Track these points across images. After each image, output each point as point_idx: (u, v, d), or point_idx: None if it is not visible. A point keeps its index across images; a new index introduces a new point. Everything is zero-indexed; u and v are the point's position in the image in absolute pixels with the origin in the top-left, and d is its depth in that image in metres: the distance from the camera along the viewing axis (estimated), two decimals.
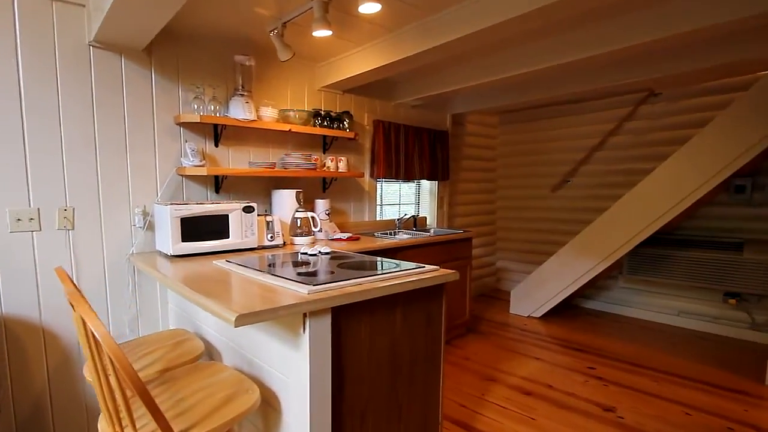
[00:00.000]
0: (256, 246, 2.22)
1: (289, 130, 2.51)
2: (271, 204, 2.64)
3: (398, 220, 3.40)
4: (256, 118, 2.35)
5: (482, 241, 4.67)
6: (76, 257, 1.94)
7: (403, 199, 3.78)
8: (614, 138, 3.95)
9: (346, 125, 2.91)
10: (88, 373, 1.40)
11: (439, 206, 3.98)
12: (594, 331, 3.54)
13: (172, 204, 1.93)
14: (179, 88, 2.22)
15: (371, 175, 3.27)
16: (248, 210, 2.17)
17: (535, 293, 3.91)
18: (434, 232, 3.55)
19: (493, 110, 4.44)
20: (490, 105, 3.70)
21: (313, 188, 2.91)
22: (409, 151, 3.48)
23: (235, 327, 1.07)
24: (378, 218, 3.44)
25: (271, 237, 2.30)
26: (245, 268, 1.63)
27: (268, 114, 2.45)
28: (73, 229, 1.92)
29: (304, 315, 1.20)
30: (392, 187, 3.64)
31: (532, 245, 4.61)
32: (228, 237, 2.11)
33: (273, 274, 1.48)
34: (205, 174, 2.11)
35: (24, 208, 1.79)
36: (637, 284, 3.91)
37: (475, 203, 4.52)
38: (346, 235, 2.73)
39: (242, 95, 2.32)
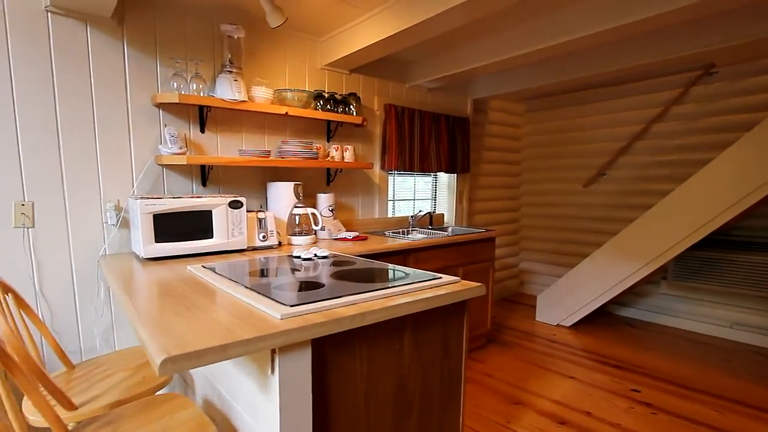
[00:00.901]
0: (245, 247, 1.92)
1: (286, 113, 2.19)
2: (266, 199, 2.34)
3: (412, 217, 3.05)
4: (246, 99, 2.04)
5: (505, 240, 4.28)
6: (37, 259, 1.67)
7: (418, 194, 3.42)
8: (659, 125, 3.48)
9: (353, 109, 2.58)
10: None
11: (458, 202, 3.61)
12: (634, 345, 3.12)
13: (143, 198, 1.64)
14: (157, 63, 1.93)
15: (382, 167, 2.93)
16: (235, 205, 1.87)
17: (565, 299, 3.50)
18: (452, 230, 3.19)
19: (519, 95, 4.02)
20: (516, 88, 3.29)
21: (315, 181, 2.59)
22: (425, 139, 3.12)
23: (159, 375, 0.76)
24: (389, 215, 3.10)
25: (264, 236, 1.99)
26: (220, 276, 1.32)
27: (261, 94, 2.13)
28: (33, 226, 1.66)
29: (273, 351, 0.88)
30: (406, 180, 3.29)
31: (560, 246, 4.18)
32: (212, 237, 1.81)
33: (247, 287, 1.16)
34: (185, 163, 1.82)
35: None
36: (682, 291, 3.45)
37: (497, 199, 4.12)
38: (351, 235, 2.40)
39: (230, 72, 2.01)
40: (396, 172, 3.14)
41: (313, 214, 2.23)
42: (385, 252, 2.20)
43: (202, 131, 2.09)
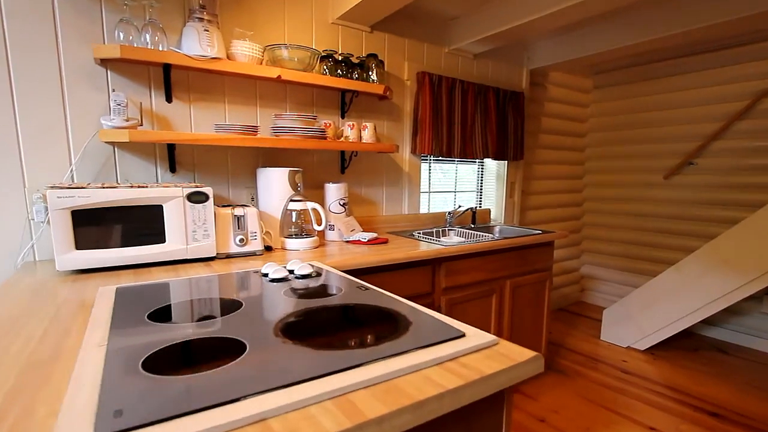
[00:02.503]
0: (213, 254, 1.40)
1: (279, 77, 1.64)
2: (257, 190, 1.82)
3: (449, 214, 2.42)
4: (220, 56, 1.51)
5: (563, 240, 3.53)
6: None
7: (461, 185, 2.78)
8: None
9: (374, 75, 1.98)
10: None
11: (509, 195, 2.92)
12: (730, 380, 2.34)
13: (55, 187, 1.15)
14: (102, 7, 1.44)
15: (413, 151, 2.32)
16: (197, 198, 1.35)
17: (639, 317, 2.74)
18: (500, 231, 2.52)
19: (585, 66, 3.23)
20: (582, 53, 2.54)
21: (326, 168, 2.03)
22: (468, 117, 2.47)
23: None
24: (422, 210, 2.49)
25: (242, 240, 1.46)
26: (101, 312, 0.80)
27: (244, 50, 1.59)
28: None
29: None
30: (445, 168, 2.66)
31: (631, 248, 3.38)
32: (164, 241, 1.31)
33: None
34: (127, 140, 1.32)
35: None
36: None
37: (555, 191, 3.38)
38: (368, 236, 1.83)
39: (200, 20, 1.49)
40: (431, 158, 2.51)
41: (315, 210, 1.68)
42: (406, 263, 1.61)
43: (168, 100, 1.59)
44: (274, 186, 1.66)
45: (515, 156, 2.77)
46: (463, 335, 0.71)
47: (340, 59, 1.88)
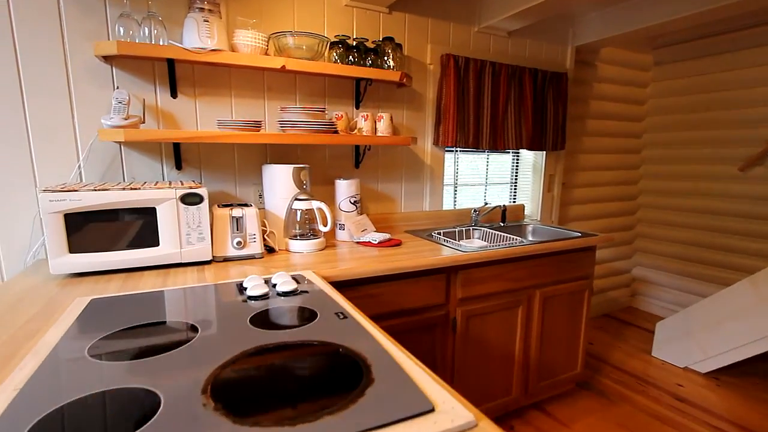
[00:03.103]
0: (209, 258, 1.36)
1: (283, 67, 1.54)
2: (262, 187, 1.76)
3: (475, 212, 2.23)
4: (220, 47, 1.43)
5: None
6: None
7: (492, 178, 2.56)
8: None
9: (390, 61, 1.83)
10: None
11: (547, 189, 2.66)
12: None
13: (48, 191, 1.15)
14: (106, 2, 1.41)
15: (435, 142, 2.14)
16: (191, 200, 1.30)
17: (702, 334, 2.39)
18: (533, 230, 2.30)
19: (645, 39, 2.82)
20: (641, 24, 2.18)
21: (340, 162, 1.93)
22: (500, 103, 2.23)
23: None
24: (446, 206, 2.32)
25: (239, 243, 1.41)
26: (61, 331, 0.76)
27: (247, 41, 1.50)
28: None
29: None
30: (474, 158, 2.45)
31: (693, 251, 2.97)
32: (158, 244, 1.28)
33: None
34: (122, 139, 1.29)
35: None
36: None
37: (604, 183, 3.04)
38: (379, 237, 1.71)
39: (200, 10, 1.42)
40: (458, 148, 2.32)
41: (320, 210, 1.59)
42: (415, 272, 1.48)
43: (174, 95, 1.55)
44: (279, 184, 1.59)
45: (555, 145, 2.49)
46: (431, 410, 0.56)
47: (353, 45, 1.75)
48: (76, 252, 1.18)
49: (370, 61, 1.77)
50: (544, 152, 2.59)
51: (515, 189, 2.68)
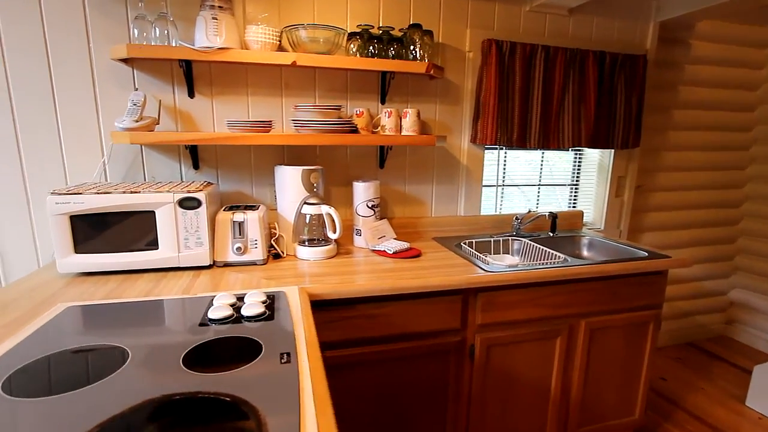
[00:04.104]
0: (208, 263, 1.33)
1: (294, 63, 1.45)
2: (275, 188, 1.70)
3: (517, 219, 1.96)
4: (227, 45, 1.38)
5: (705, 253, 2.63)
6: (2, 259, 1.46)
7: (548, 177, 2.24)
8: None
9: (417, 51, 1.64)
10: None
11: (615, 193, 2.26)
12: None
13: (55, 194, 1.19)
14: (128, 6, 1.43)
15: (472, 140, 1.91)
16: (189, 204, 1.28)
17: None
18: (589, 244, 1.96)
19: (758, 9, 2.22)
20: None
21: (362, 161, 1.80)
22: (554, 93, 1.92)
23: None
24: (487, 212, 2.08)
25: (240, 249, 1.36)
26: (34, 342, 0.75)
27: (259, 36, 1.43)
28: None
29: None
30: (527, 156, 2.16)
31: None
32: (157, 248, 1.28)
33: None
34: (128, 142, 1.30)
35: None
36: None
37: (695, 187, 2.51)
38: (396, 246, 1.57)
39: (210, 8, 1.37)
40: (500, 147, 2.06)
41: (329, 215, 1.48)
42: (426, 292, 1.31)
43: (191, 95, 1.54)
44: (289, 186, 1.51)
45: (626, 142, 2.09)
46: None
47: (376, 35, 1.59)
48: (81, 252, 1.22)
49: (393, 52, 1.61)
50: (612, 150, 2.20)
51: (576, 192, 2.32)
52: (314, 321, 1.21)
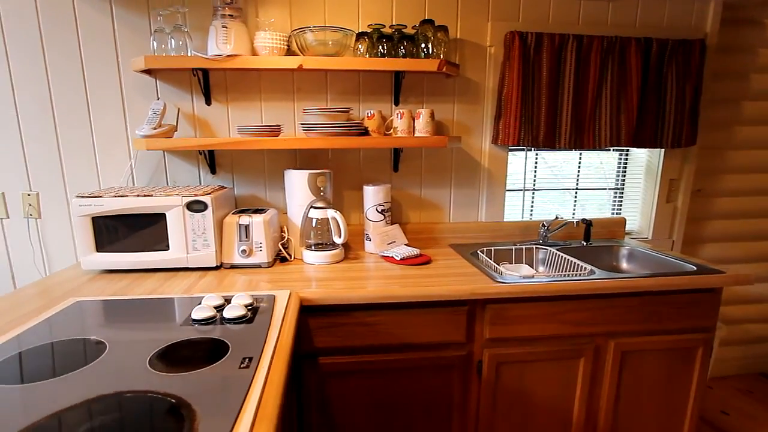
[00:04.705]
0: (214, 264, 1.37)
1: (300, 66, 1.45)
2: (285, 192, 1.71)
3: (543, 226, 1.80)
4: (236, 53, 1.42)
5: None
6: (47, 252, 1.62)
7: (588, 180, 2.05)
8: None
9: (431, 48, 1.57)
10: None
11: (667, 199, 2.01)
12: None
13: (79, 197, 1.29)
14: (150, 21, 1.53)
15: (494, 140, 1.79)
16: (196, 207, 1.32)
17: None
18: (629, 255, 1.76)
19: None
20: None
21: (376, 165, 1.77)
22: (588, 88, 1.75)
23: None
24: (513, 218, 1.95)
25: (244, 251, 1.39)
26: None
27: (266, 42, 1.46)
28: (39, 217, 1.59)
29: None
30: (560, 157, 1.99)
31: None
32: (168, 248, 1.34)
33: None
34: (145, 149, 1.38)
35: None
36: None
37: (766, 192, 2.16)
38: (405, 252, 1.51)
39: (222, 17, 1.42)
40: (531, 148, 1.91)
41: (334, 220, 1.46)
42: (425, 302, 1.24)
43: (208, 103, 1.61)
44: (296, 190, 1.52)
45: (677, 140, 1.84)
46: None
47: (387, 34, 1.55)
48: (102, 251, 1.31)
49: (403, 51, 1.55)
50: (662, 150, 1.95)
51: (621, 196, 2.10)
52: (310, 326, 1.20)
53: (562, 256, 1.60)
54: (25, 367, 0.75)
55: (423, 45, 1.57)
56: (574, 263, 1.48)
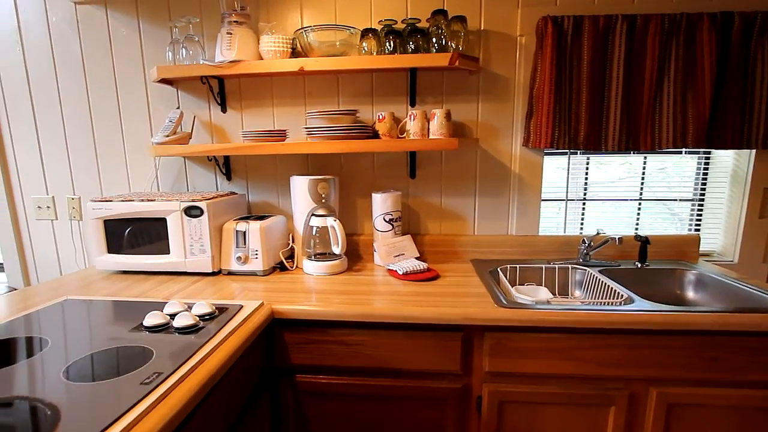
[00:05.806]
0: (210, 270, 1.37)
1: (301, 69, 1.40)
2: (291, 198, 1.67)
3: (584, 243, 1.52)
4: (238, 58, 1.41)
5: None
6: (88, 250, 1.77)
7: (653, 190, 1.71)
8: None
9: (445, 41, 1.42)
10: None
11: (760, 214, 1.59)
12: None
13: (93, 201, 1.38)
14: (171, 33, 1.60)
15: (525, 142, 1.57)
16: (193, 213, 1.33)
17: None
18: (697, 281, 1.42)
19: None
20: None
21: (391, 170, 1.65)
22: (643, 78, 1.45)
23: None
24: (546, 231, 1.70)
25: (240, 258, 1.37)
26: None
27: (269, 46, 1.44)
28: (81, 219, 1.75)
29: None
30: (619, 162, 1.70)
31: None
32: (168, 252, 1.37)
33: None
34: (155, 155, 1.43)
35: (42, 196, 1.74)
36: None
37: None
38: (409, 266, 1.38)
39: (228, 23, 1.43)
40: (563, 151, 1.65)
41: (332, 229, 1.38)
42: (411, 324, 1.09)
43: (223, 110, 1.64)
44: (299, 197, 1.47)
45: None
46: None
47: (398, 29, 1.44)
48: (112, 253, 1.38)
49: (412, 46, 1.42)
50: (752, 152, 1.55)
51: (701, 209, 1.71)
52: (285, 341, 1.12)
53: (600, 279, 1.33)
54: None
55: (434, 39, 1.42)
56: (611, 289, 1.21)
